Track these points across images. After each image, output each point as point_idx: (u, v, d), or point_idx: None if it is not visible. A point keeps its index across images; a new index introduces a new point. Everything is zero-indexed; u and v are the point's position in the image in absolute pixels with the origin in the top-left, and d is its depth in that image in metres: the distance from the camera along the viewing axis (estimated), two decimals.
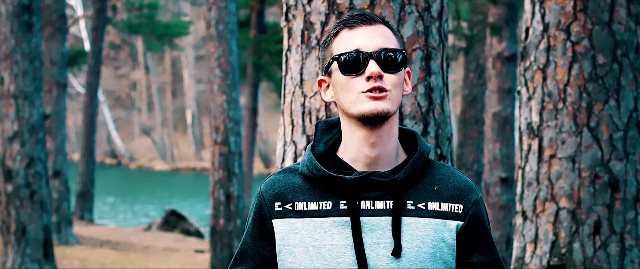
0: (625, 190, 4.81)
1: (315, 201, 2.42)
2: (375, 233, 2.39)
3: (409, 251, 2.38)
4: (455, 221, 2.43)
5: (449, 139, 3.80)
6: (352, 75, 2.39)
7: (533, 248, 4.91)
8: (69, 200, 19.08)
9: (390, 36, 2.43)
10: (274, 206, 2.45)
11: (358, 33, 2.41)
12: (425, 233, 2.40)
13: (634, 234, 4.81)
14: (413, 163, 2.42)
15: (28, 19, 12.61)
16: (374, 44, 2.39)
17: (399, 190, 2.40)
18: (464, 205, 2.45)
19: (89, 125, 23.46)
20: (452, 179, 2.47)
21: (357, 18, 2.43)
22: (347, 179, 2.38)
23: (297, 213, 2.43)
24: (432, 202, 2.43)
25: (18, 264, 12.58)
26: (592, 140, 4.81)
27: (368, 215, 2.39)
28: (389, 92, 2.37)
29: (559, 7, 4.88)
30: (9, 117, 12.65)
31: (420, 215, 2.41)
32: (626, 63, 4.84)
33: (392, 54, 2.39)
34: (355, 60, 2.39)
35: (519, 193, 5.01)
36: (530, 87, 4.98)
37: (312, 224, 2.41)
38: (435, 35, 3.74)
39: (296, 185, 2.45)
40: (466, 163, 15.99)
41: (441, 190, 2.44)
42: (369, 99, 2.36)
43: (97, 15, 23.73)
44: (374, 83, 2.36)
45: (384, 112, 2.36)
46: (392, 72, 2.39)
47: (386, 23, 2.46)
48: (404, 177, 2.40)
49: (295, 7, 3.80)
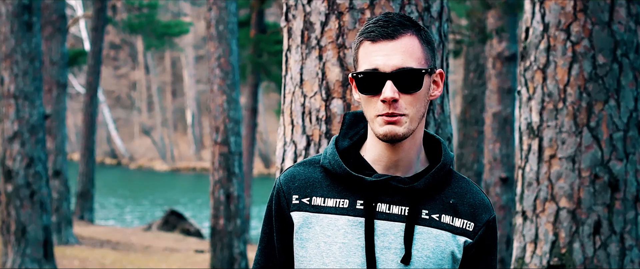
0: (625, 190, 4.80)
1: (332, 198, 2.42)
2: (387, 237, 2.39)
3: (418, 260, 2.39)
4: (464, 237, 2.44)
5: (449, 139, 3.80)
6: (370, 95, 2.37)
7: (533, 248, 4.91)
8: (69, 200, 19.08)
9: (413, 50, 2.38)
10: (292, 198, 2.46)
11: (379, 49, 2.37)
12: (436, 244, 2.40)
13: (634, 234, 4.81)
14: (434, 174, 2.42)
15: (28, 19, 12.61)
16: (393, 63, 2.35)
17: (416, 199, 2.40)
18: (476, 223, 2.45)
19: (89, 125, 23.46)
20: (469, 195, 2.47)
21: (381, 31, 2.38)
22: (367, 180, 2.39)
23: (313, 208, 2.43)
24: (446, 215, 2.43)
25: (18, 264, 12.57)
26: (592, 140, 4.81)
27: (382, 218, 2.39)
28: (405, 116, 2.36)
29: (559, 7, 4.88)
30: (9, 117, 12.65)
31: (433, 226, 2.41)
32: (626, 63, 4.84)
33: (409, 75, 2.36)
34: (372, 80, 2.37)
35: (519, 193, 5.01)
36: (530, 87, 4.98)
37: (326, 221, 2.41)
38: (435, 35, 3.74)
39: (316, 179, 2.46)
40: (466, 163, 15.99)
41: (457, 204, 2.44)
42: (384, 123, 2.36)
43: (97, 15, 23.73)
44: (388, 109, 2.35)
45: (398, 136, 2.36)
46: (410, 92, 2.36)
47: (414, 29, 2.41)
48: (423, 186, 2.40)
49: (295, 7, 3.80)
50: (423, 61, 2.40)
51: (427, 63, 2.41)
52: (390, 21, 2.39)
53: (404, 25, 2.40)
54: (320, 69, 3.72)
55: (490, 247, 2.48)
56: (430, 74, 2.41)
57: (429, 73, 2.41)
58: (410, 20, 2.42)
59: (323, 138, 3.72)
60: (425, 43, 2.42)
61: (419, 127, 2.41)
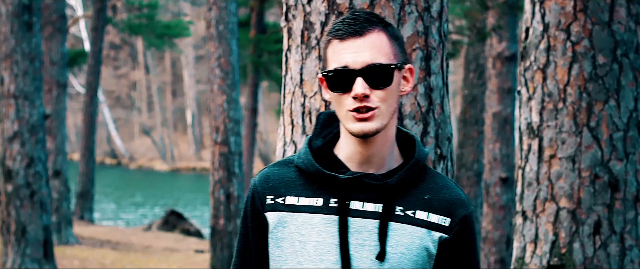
0: (625, 190, 4.81)
1: (306, 197, 2.43)
2: (362, 234, 2.39)
3: (393, 257, 2.38)
4: (440, 233, 2.43)
5: (449, 139, 3.80)
6: (340, 93, 2.38)
7: (533, 248, 4.91)
8: (69, 200, 19.08)
9: (382, 46, 2.39)
10: (266, 199, 2.46)
11: (347, 46, 2.38)
12: (410, 240, 2.40)
13: (634, 234, 4.81)
14: (408, 170, 2.42)
15: (28, 19, 12.61)
16: (362, 60, 2.36)
17: (390, 195, 2.40)
18: (452, 219, 2.44)
19: (89, 125, 23.47)
20: (445, 190, 2.46)
21: (348, 29, 2.39)
22: (340, 178, 2.39)
23: (287, 207, 2.43)
24: (421, 211, 2.42)
25: (18, 264, 12.58)
26: (592, 140, 4.81)
27: (356, 215, 2.39)
28: (377, 109, 2.36)
29: (559, 7, 4.88)
30: (9, 117, 12.66)
31: (408, 222, 2.40)
32: (626, 63, 4.84)
33: (379, 70, 2.37)
34: (342, 78, 2.37)
35: (519, 193, 5.01)
36: (530, 87, 4.99)
37: (301, 220, 2.42)
38: (435, 35, 3.74)
39: (290, 178, 2.46)
40: (466, 163, 15.99)
41: (432, 200, 2.43)
42: (356, 120, 2.36)
43: (97, 15, 23.74)
44: (359, 103, 2.35)
45: (371, 131, 2.36)
46: (380, 87, 2.37)
47: (382, 25, 2.42)
48: (396, 183, 2.40)
49: (295, 7, 3.81)
50: (392, 56, 2.41)
51: (397, 58, 2.42)
52: (357, 19, 2.40)
53: (371, 22, 2.41)
54: (320, 69, 3.73)
55: (468, 242, 2.47)
56: (399, 69, 2.42)
57: (399, 68, 2.42)
58: (377, 17, 2.43)
59: None
60: (393, 38, 2.43)
61: (391, 122, 2.41)
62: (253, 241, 2.49)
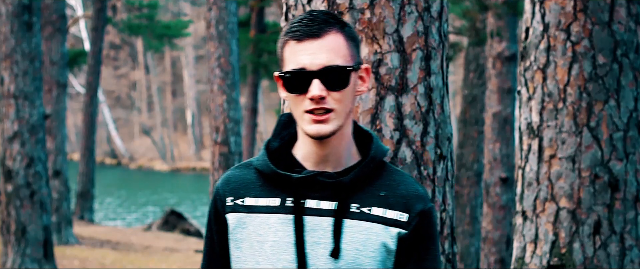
0: (625, 190, 4.81)
1: (264, 198, 2.45)
2: (317, 232, 2.40)
3: (348, 254, 2.39)
4: (398, 228, 2.43)
5: (448, 139, 3.80)
6: (297, 94, 2.39)
7: (533, 248, 4.91)
8: (69, 200, 19.08)
9: (339, 48, 2.41)
10: (227, 201, 2.49)
11: (304, 48, 2.39)
12: (366, 237, 2.40)
13: (634, 234, 4.81)
14: (363, 168, 2.43)
15: (28, 19, 12.61)
16: (319, 62, 2.38)
17: (344, 193, 2.41)
18: (409, 214, 2.44)
19: (89, 125, 23.46)
20: (402, 186, 2.46)
21: (306, 30, 2.40)
22: (294, 178, 2.41)
23: (246, 208, 2.46)
24: (377, 207, 2.43)
25: (18, 264, 12.58)
26: (592, 140, 4.81)
27: (312, 214, 2.41)
28: (334, 111, 2.38)
29: (559, 7, 4.88)
30: (9, 117, 12.65)
31: (363, 219, 2.41)
32: (626, 63, 4.84)
33: (336, 72, 2.38)
34: (299, 79, 2.39)
35: (519, 193, 5.01)
36: (530, 87, 4.99)
37: (259, 220, 2.44)
38: (435, 35, 3.74)
39: (250, 180, 2.48)
40: (466, 163, 15.99)
41: (388, 197, 2.44)
42: (312, 121, 2.38)
43: (97, 15, 23.73)
44: (316, 105, 2.37)
45: (327, 133, 2.38)
46: (337, 89, 2.39)
47: (339, 26, 2.43)
48: (350, 180, 2.41)
49: (295, 7, 3.81)
50: (349, 58, 2.42)
51: (353, 59, 2.44)
52: (314, 19, 2.41)
53: (329, 23, 2.42)
54: None
55: (428, 237, 2.47)
56: (356, 70, 2.44)
57: (355, 69, 2.43)
58: (334, 18, 2.44)
59: None
60: (350, 40, 2.45)
61: (346, 122, 2.43)
62: (217, 243, 2.51)
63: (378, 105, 3.66)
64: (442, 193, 3.74)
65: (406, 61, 3.68)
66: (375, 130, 3.65)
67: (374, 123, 3.66)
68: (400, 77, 3.67)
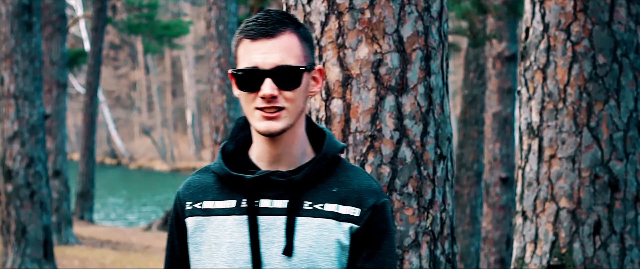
0: (625, 190, 4.81)
1: (221, 200, 2.48)
2: (271, 231, 2.42)
3: (301, 251, 2.41)
4: (350, 223, 2.44)
5: (448, 139, 3.80)
6: (249, 92, 2.42)
7: (533, 248, 4.91)
8: (69, 200, 19.08)
9: (292, 48, 2.43)
10: (186, 205, 2.52)
11: (258, 47, 2.42)
12: (319, 233, 2.42)
13: (634, 234, 4.81)
14: (314, 165, 2.45)
15: (28, 19, 12.61)
16: (272, 61, 2.40)
17: (296, 190, 2.43)
18: (362, 208, 2.45)
19: (89, 125, 23.46)
20: (356, 182, 2.47)
21: (260, 29, 2.42)
22: (246, 178, 2.43)
23: (204, 211, 2.49)
24: (330, 203, 2.44)
25: (18, 264, 12.58)
26: (592, 140, 4.81)
27: (266, 213, 2.43)
28: (285, 109, 2.41)
29: (559, 7, 4.88)
30: (9, 117, 12.65)
31: (316, 216, 2.43)
32: (626, 63, 4.84)
33: (288, 72, 2.41)
34: (252, 78, 2.41)
35: (519, 193, 5.01)
36: (530, 87, 4.99)
37: (216, 222, 2.46)
38: (435, 35, 3.74)
39: (208, 184, 2.51)
40: (466, 163, 15.99)
41: (341, 192, 2.45)
42: (263, 118, 2.41)
43: (97, 15, 23.74)
44: (267, 104, 2.39)
45: (276, 131, 2.41)
46: (288, 88, 2.41)
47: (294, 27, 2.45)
48: (302, 178, 2.43)
49: (295, 7, 3.81)
50: (302, 58, 2.45)
51: (306, 60, 2.46)
52: (269, 19, 2.43)
53: (283, 23, 2.44)
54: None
55: (380, 231, 2.47)
56: (309, 71, 2.46)
57: (308, 70, 2.46)
58: (289, 18, 2.46)
59: None
60: (304, 40, 2.47)
61: (299, 121, 2.46)
62: (178, 247, 2.55)
63: (378, 105, 3.66)
64: (442, 193, 3.74)
65: (406, 61, 3.68)
66: (375, 130, 3.66)
67: (374, 123, 3.66)
68: (400, 77, 3.67)
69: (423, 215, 3.70)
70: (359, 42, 3.68)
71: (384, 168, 3.66)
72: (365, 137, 3.67)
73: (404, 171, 3.66)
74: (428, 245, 3.70)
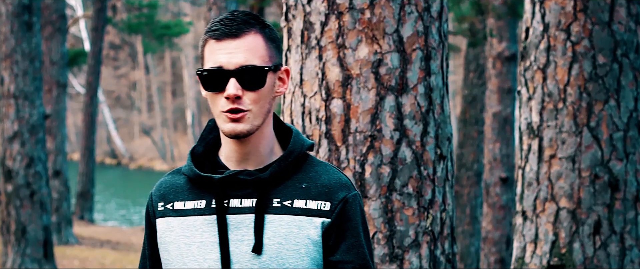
0: (625, 190, 4.81)
1: (192, 201, 2.50)
2: (240, 230, 2.44)
3: (270, 248, 2.42)
4: (321, 218, 2.45)
5: (448, 139, 3.80)
6: (213, 92, 2.44)
7: (533, 248, 4.91)
8: (69, 200, 19.08)
9: (257, 48, 2.44)
10: (157, 206, 2.55)
11: (223, 47, 2.44)
12: (288, 230, 2.43)
13: (634, 234, 4.81)
14: (280, 162, 2.47)
15: (28, 19, 12.61)
16: (236, 61, 2.42)
17: (264, 188, 2.45)
18: (332, 202, 2.46)
19: (89, 125, 23.46)
20: (324, 177, 2.49)
21: (225, 30, 2.44)
22: (215, 178, 2.45)
23: (175, 212, 2.51)
24: (299, 200, 2.45)
25: (18, 264, 12.58)
26: (592, 140, 4.81)
27: (235, 212, 2.45)
28: (249, 111, 2.42)
29: (559, 7, 4.88)
30: (9, 117, 12.65)
31: (285, 212, 2.44)
32: (626, 63, 4.84)
33: (253, 72, 2.42)
34: (216, 78, 2.43)
35: (519, 193, 5.01)
36: (530, 87, 4.99)
37: (186, 223, 2.49)
38: (435, 35, 3.74)
39: (179, 185, 2.54)
40: (466, 163, 15.99)
41: (310, 188, 2.47)
42: (229, 120, 2.42)
43: (97, 15, 23.73)
44: (231, 105, 2.41)
45: (242, 133, 2.42)
46: (253, 89, 2.43)
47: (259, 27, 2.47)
48: (269, 175, 2.45)
49: (295, 7, 3.81)
50: (267, 59, 2.46)
51: (271, 60, 2.47)
52: (234, 19, 2.45)
53: (248, 24, 2.46)
54: (320, 69, 3.73)
55: (352, 224, 2.47)
56: (274, 71, 2.48)
57: (274, 70, 2.47)
58: (255, 18, 2.48)
59: (323, 138, 3.72)
60: (269, 41, 2.48)
61: (265, 122, 2.47)
62: (148, 247, 2.59)
63: (378, 105, 3.66)
64: (442, 193, 3.74)
65: (406, 61, 3.68)
66: (375, 130, 3.66)
67: (374, 123, 3.66)
68: (400, 77, 3.67)
69: (423, 215, 3.70)
70: (359, 42, 3.68)
71: (384, 168, 3.66)
72: (365, 137, 3.67)
73: (404, 171, 3.66)
74: (428, 245, 3.70)
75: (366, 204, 3.65)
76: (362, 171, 3.67)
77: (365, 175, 3.66)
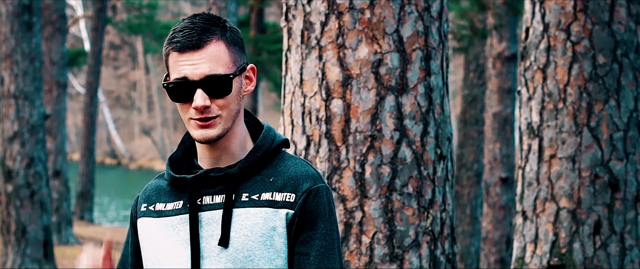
0: (625, 190, 4.81)
1: (171, 202, 2.58)
2: (211, 226, 2.50)
3: (237, 241, 2.47)
4: (286, 209, 2.48)
5: (449, 139, 3.80)
6: (181, 103, 2.48)
7: (533, 248, 4.91)
8: (69, 200, 19.08)
9: (220, 56, 2.46)
10: (141, 207, 2.65)
11: (186, 59, 2.46)
12: (254, 222, 2.47)
13: (634, 234, 4.81)
14: (248, 157, 2.51)
15: (28, 19, 12.61)
16: (201, 72, 2.44)
17: (232, 183, 2.49)
18: (296, 193, 2.49)
19: (89, 125, 23.46)
20: (292, 170, 2.52)
21: (185, 42, 2.45)
22: (187, 178, 2.52)
23: (156, 213, 2.60)
24: (266, 193, 2.50)
25: (18, 264, 12.58)
26: (592, 140, 4.81)
27: (207, 209, 2.51)
28: (219, 116, 2.47)
29: (559, 7, 4.88)
30: (9, 117, 12.65)
31: (252, 206, 2.49)
32: (626, 63, 4.84)
33: (218, 81, 2.45)
34: (182, 90, 2.46)
35: (519, 193, 5.01)
36: (530, 87, 4.99)
37: (164, 223, 2.57)
38: (435, 35, 3.74)
39: (162, 188, 2.63)
40: (466, 163, 15.99)
41: (277, 181, 2.51)
42: (199, 127, 2.47)
43: (97, 15, 23.74)
44: (200, 115, 2.45)
45: (213, 138, 2.47)
46: (220, 97, 2.46)
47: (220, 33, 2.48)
48: (238, 171, 2.50)
49: (295, 7, 3.81)
50: (231, 64, 2.48)
51: (236, 64, 2.49)
52: (195, 29, 2.47)
53: (209, 32, 2.48)
54: (320, 69, 3.73)
55: (316, 215, 2.49)
56: (240, 75, 2.51)
57: (239, 75, 2.50)
58: (216, 24, 2.49)
59: (323, 138, 3.73)
60: (232, 44, 2.50)
61: (235, 123, 2.51)
62: (131, 246, 2.69)
63: (378, 105, 3.66)
64: (442, 193, 3.75)
65: (406, 61, 3.68)
66: (375, 130, 3.65)
67: (374, 123, 3.66)
68: (400, 77, 3.67)
69: (423, 215, 3.70)
70: (359, 42, 3.68)
71: (384, 168, 3.66)
72: (365, 137, 3.67)
73: (404, 171, 3.66)
74: (428, 245, 3.70)
75: (366, 204, 3.65)
76: (362, 171, 3.67)
77: (365, 175, 3.67)
